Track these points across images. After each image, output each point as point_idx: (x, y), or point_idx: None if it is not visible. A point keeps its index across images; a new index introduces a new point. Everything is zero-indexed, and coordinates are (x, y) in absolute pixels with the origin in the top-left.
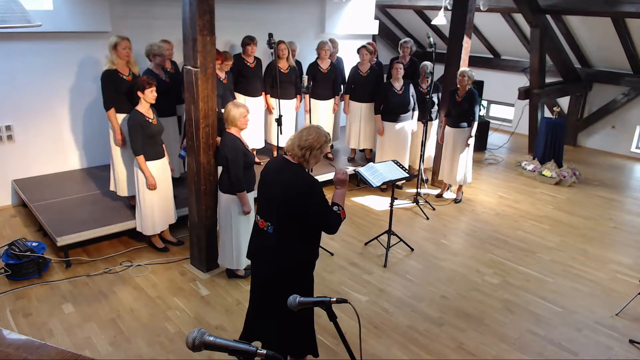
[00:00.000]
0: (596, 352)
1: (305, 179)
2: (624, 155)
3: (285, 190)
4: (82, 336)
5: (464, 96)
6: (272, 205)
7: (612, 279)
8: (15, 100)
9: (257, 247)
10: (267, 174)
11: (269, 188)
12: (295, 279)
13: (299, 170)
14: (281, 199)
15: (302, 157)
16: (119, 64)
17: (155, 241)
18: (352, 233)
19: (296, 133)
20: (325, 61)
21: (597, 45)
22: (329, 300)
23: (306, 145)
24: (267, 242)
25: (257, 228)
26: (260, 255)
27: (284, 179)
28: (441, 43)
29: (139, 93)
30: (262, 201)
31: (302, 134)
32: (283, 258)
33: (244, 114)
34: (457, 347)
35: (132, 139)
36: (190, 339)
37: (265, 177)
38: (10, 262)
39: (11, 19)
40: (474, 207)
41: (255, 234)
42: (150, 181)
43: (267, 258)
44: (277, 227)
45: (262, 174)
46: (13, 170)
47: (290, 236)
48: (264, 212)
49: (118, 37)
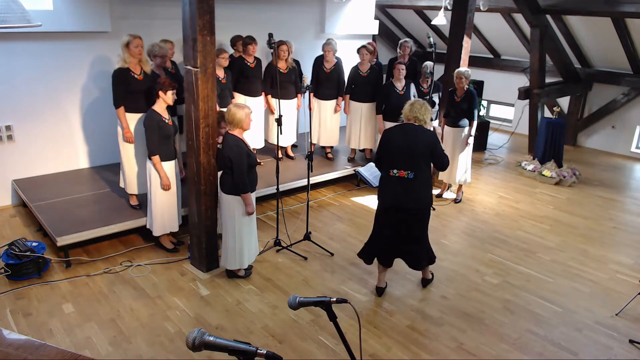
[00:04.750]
0: (596, 352)
1: (431, 133)
2: (624, 155)
3: (422, 143)
4: (82, 336)
5: (462, 96)
6: (411, 157)
7: (612, 279)
8: (15, 100)
9: (400, 192)
10: (399, 137)
11: (407, 145)
12: (428, 212)
13: (425, 129)
14: (419, 150)
15: (423, 122)
16: (131, 63)
17: (164, 241)
18: (352, 233)
19: (409, 107)
20: (329, 61)
21: (597, 45)
22: (329, 300)
23: (425, 114)
24: (409, 185)
25: (397, 178)
26: (403, 198)
27: (420, 137)
28: (441, 43)
29: (161, 93)
30: (399, 157)
31: (415, 107)
32: (423, 194)
33: (248, 115)
34: (457, 347)
35: (149, 139)
36: (190, 339)
37: (398, 140)
38: (10, 262)
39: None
40: (474, 207)
41: (395, 184)
42: (165, 181)
43: (412, 197)
44: (415, 172)
45: (393, 138)
46: (13, 170)
47: (424, 178)
48: (402, 164)
49: (130, 35)
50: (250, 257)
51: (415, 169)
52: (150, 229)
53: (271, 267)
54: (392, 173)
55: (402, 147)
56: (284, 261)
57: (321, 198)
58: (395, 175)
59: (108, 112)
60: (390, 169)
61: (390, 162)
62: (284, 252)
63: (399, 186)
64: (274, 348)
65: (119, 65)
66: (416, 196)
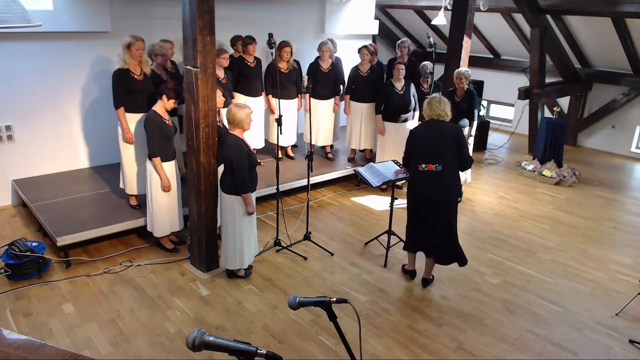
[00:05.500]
0: (596, 352)
1: (457, 127)
2: (624, 155)
3: (450, 137)
4: (82, 336)
5: (462, 96)
6: (439, 151)
7: (612, 279)
8: (15, 100)
9: (430, 185)
10: (425, 134)
11: (434, 140)
12: (456, 203)
13: (450, 123)
14: (446, 142)
15: (446, 116)
16: (131, 64)
17: (165, 242)
18: (352, 233)
19: (428, 106)
20: (326, 61)
21: (597, 45)
22: (329, 300)
23: (445, 109)
24: (439, 177)
25: (426, 172)
26: (435, 190)
27: (445, 131)
28: (441, 43)
29: (164, 97)
30: (426, 152)
31: (434, 105)
32: (453, 185)
33: (249, 114)
34: (457, 347)
35: (150, 140)
36: (190, 339)
37: (424, 137)
38: (10, 262)
39: (11, 19)
40: (474, 207)
41: (425, 178)
42: (165, 183)
43: (442, 189)
44: (443, 165)
45: (418, 137)
46: (13, 170)
47: (453, 170)
48: (429, 158)
49: (133, 37)
50: (250, 257)
51: (443, 161)
52: (150, 230)
53: (271, 267)
54: (421, 168)
55: (428, 143)
56: (284, 261)
57: (321, 198)
58: (424, 170)
59: (108, 112)
60: (418, 164)
61: (418, 158)
62: (284, 252)
63: (429, 180)
64: (274, 348)
65: (119, 65)
66: (446, 188)
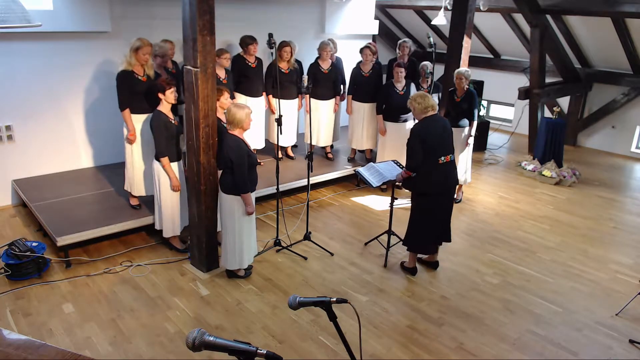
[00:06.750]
0: (596, 352)
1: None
2: (624, 155)
3: (447, 127)
4: (82, 336)
5: (462, 96)
6: (449, 140)
7: (612, 279)
8: (15, 100)
9: (447, 175)
10: (433, 128)
11: (442, 131)
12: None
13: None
14: (450, 132)
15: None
16: (135, 65)
17: (175, 242)
18: (352, 233)
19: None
20: (326, 61)
21: (597, 45)
22: (329, 300)
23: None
24: (452, 166)
25: (445, 164)
26: (451, 179)
27: (443, 122)
28: (441, 43)
29: (160, 95)
30: (441, 144)
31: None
32: (456, 170)
33: (248, 114)
34: (457, 347)
35: (157, 140)
36: (190, 339)
37: (435, 130)
38: (10, 262)
39: (11, 19)
40: (474, 207)
41: (443, 170)
42: (174, 182)
43: (454, 175)
44: (452, 153)
45: (429, 131)
46: (13, 170)
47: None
48: (445, 150)
49: (141, 41)
50: (250, 257)
51: (453, 150)
52: (160, 228)
53: (271, 267)
54: (441, 161)
55: (438, 136)
56: (284, 261)
57: (321, 198)
58: (444, 162)
59: (108, 112)
60: (437, 158)
61: (436, 152)
62: (284, 252)
63: (447, 169)
64: (274, 348)
65: (123, 67)
66: (456, 173)
